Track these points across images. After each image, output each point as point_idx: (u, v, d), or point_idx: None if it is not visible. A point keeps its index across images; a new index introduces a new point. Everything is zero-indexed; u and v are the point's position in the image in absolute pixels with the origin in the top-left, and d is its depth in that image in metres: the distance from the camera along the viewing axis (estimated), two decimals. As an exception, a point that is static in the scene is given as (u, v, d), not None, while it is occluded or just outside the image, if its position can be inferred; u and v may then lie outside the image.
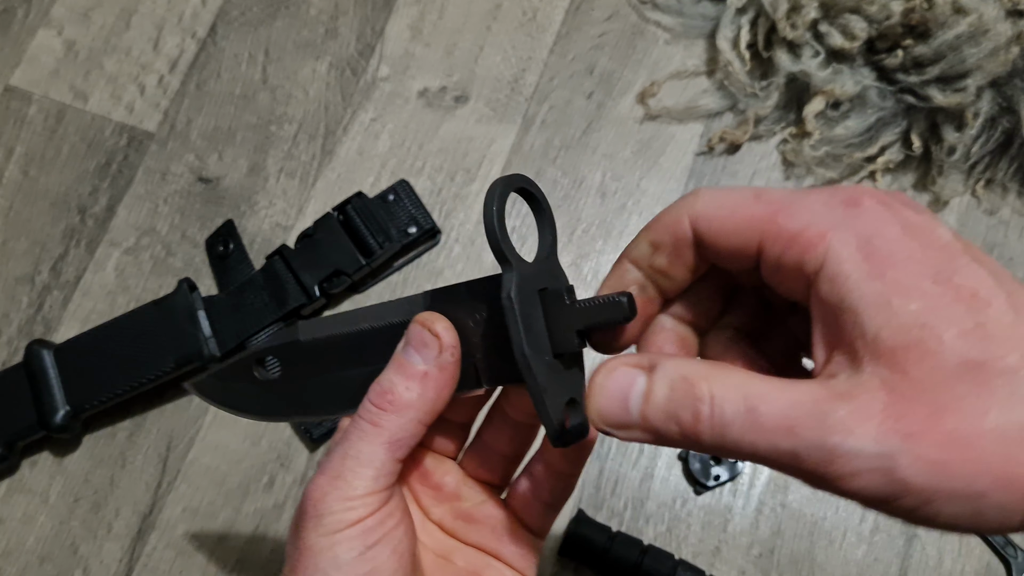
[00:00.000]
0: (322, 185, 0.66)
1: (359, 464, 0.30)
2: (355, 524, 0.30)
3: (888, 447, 0.23)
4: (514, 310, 0.29)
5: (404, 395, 0.31)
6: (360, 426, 0.31)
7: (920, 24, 0.61)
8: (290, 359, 0.36)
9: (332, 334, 0.35)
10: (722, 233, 0.27)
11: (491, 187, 0.30)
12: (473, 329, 0.32)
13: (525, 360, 0.30)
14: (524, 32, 0.69)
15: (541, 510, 0.36)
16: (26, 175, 0.67)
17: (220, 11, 0.70)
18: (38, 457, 0.61)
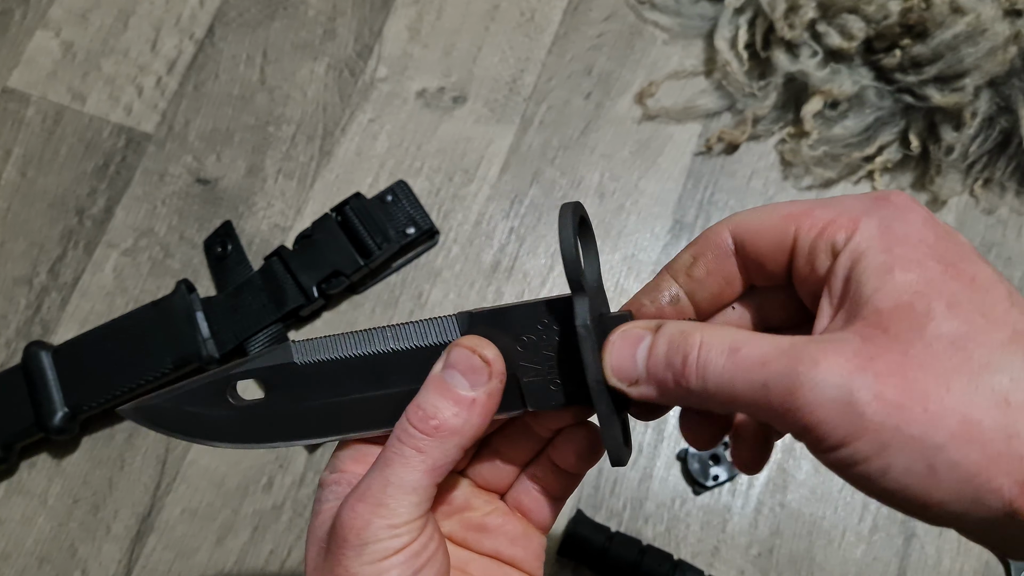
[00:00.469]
0: (320, 186, 0.66)
1: (402, 491, 0.30)
2: (402, 551, 0.29)
3: (851, 382, 0.23)
4: (591, 337, 0.29)
5: (451, 421, 0.30)
6: (403, 451, 0.30)
7: (918, 24, 0.61)
8: (280, 383, 0.34)
9: (341, 356, 0.33)
10: (761, 230, 0.29)
11: (563, 211, 0.30)
12: (520, 352, 0.32)
13: (600, 387, 0.30)
14: (522, 32, 0.69)
15: (549, 504, 0.36)
16: (24, 176, 0.67)
17: (218, 12, 0.70)
18: (36, 459, 0.61)
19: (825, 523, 0.58)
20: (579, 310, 0.30)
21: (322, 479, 0.33)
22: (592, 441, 0.34)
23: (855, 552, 0.58)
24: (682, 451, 0.59)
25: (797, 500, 0.59)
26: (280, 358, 0.34)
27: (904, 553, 0.58)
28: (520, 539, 0.35)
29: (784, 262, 0.29)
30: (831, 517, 0.58)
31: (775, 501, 0.59)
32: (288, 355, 0.34)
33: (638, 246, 0.64)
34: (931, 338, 0.24)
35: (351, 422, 0.34)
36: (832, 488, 0.59)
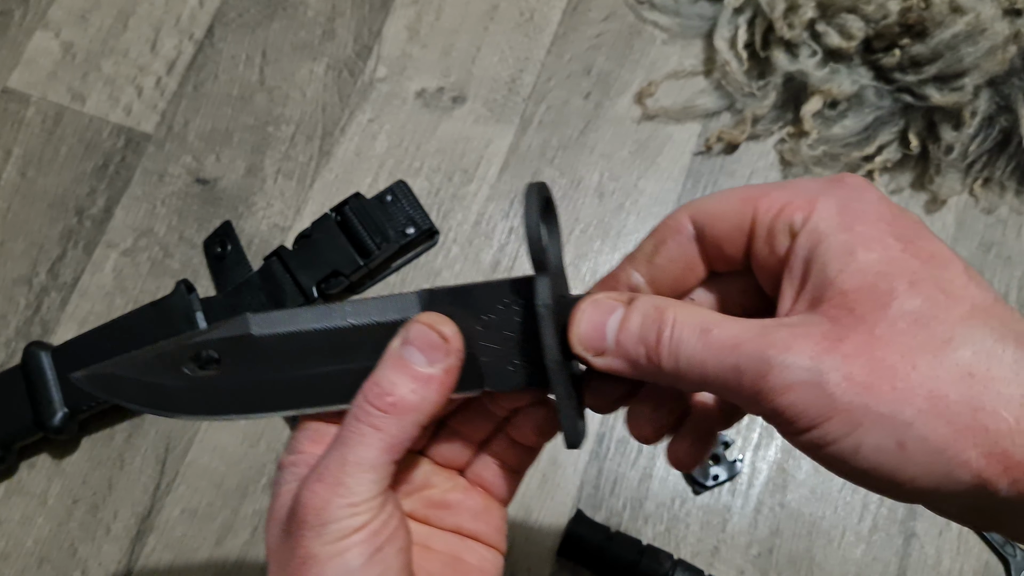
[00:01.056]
0: (320, 186, 0.66)
1: (360, 469, 0.29)
2: (361, 529, 0.29)
3: (820, 364, 0.24)
4: (550, 317, 0.29)
5: (408, 397, 0.30)
6: (360, 429, 0.30)
7: (917, 23, 0.61)
8: (237, 354, 0.33)
9: (299, 330, 0.33)
10: (719, 214, 0.29)
11: (528, 191, 0.30)
12: (480, 332, 0.32)
13: (558, 367, 0.30)
14: (521, 32, 0.69)
15: (509, 478, 0.36)
16: (24, 177, 0.67)
17: (217, 13, 0.70)
18: (36, 459, 0.61)
19: (825, 523, 0.58)
20: (540, 290, 0.29)
21: (281, 461, 0.33)
22: (550, 418, 0.34)
23: (855, 552, 0.58)
24: None
25: (797, 500, 0.59)
26: (237, 329, 0.33)
27: (904, 553, 0.58)
28: (481, 513, 0.36)
29: (743, 245, 0.29)
30: (831, 517, 0.58)
31: (775, 501, 0.59)
32: (245, 327, 0.33)
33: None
34: (895, 317, 0.24)
35: (308, 397, 0.33)
36: (832, 488, 0.59)
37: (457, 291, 0.32)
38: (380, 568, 0.30)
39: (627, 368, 0.29)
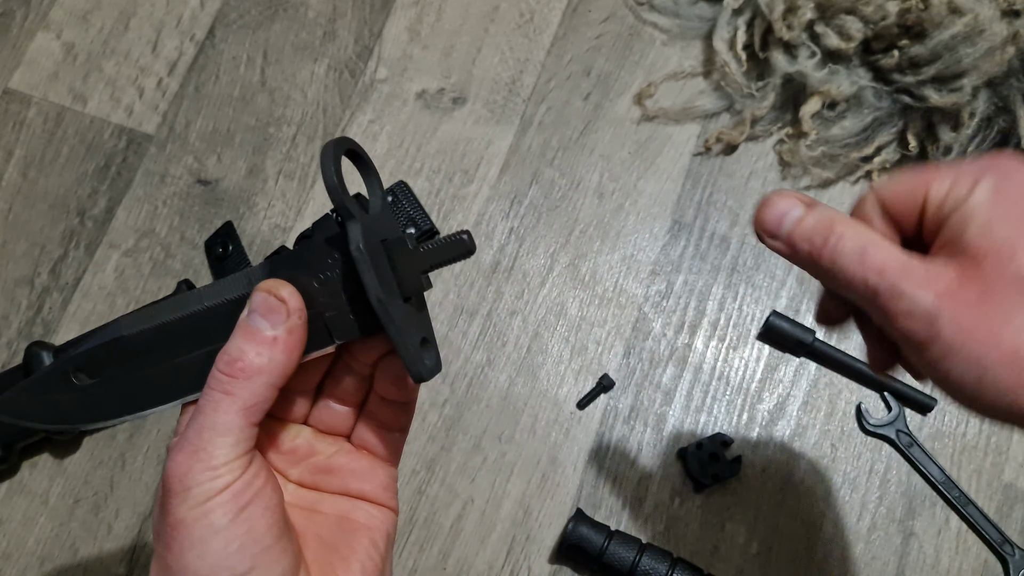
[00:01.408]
0: (321, 187, 0.66)
1: (217, 434, 0.31)
2: (224, 491, 0.31)
3: (939, 304, 0.30)
4: (365, 260, 0.31)
5: (255, 361, 0.31)
6: (213, 397, 0.31)
7: (916, 24, 0.61)
8: (114, 357, 0.35)
9: (163, 322, 0.34)
10: (899, 190, 0.35)
11: (324, 149, 0.31)
12: (319, 289, 0.33)
13: (382, 305, 0.31)
14: (521, 34, 0.69)
15: (390, 437, 0.38)
16: (25, 177, 0.67)
17: (218, 14, 0.71)
18: (38, 459, 0.61)
19: (824, 522, 0.59)
20: (352, 235, 0.31)
21: (168, 446, 0.34)
22: (399, 363, 0.35)
23: (854, 551, 0.58)
24: (681, 449, 0.59)
25: (796, 499, 0.59)
26: (110, 334, 0.35)
27: (903, 552, 0.58)
28: (366, 473, 0.37)
29: (917, 218, 0.34)
30: (830, 516, 0.59)
31: (774, 500, 0.59)
32: (116, 329, 0.35)
33: (637, 246, 0.64)
34: (1010, 278, 0.30)
35: (185, 384, 0.35)
36: (831, 487, 0.59)
37: (292, 255, 0.33)
38: (247, 526, 0.31)
39: (789, 254, 0.35)
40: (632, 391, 0.61)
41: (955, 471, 0.59)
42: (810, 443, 0.60)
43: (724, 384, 0.61)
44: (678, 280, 0.64)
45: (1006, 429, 0.60)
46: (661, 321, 0.63)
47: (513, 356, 0.62)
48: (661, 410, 0.61)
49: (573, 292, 0.63)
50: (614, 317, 0.63)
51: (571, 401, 0.61)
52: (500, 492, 0.59)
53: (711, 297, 0.63)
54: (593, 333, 0.62)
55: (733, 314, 0.63)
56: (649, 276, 0.64)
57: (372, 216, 0.33)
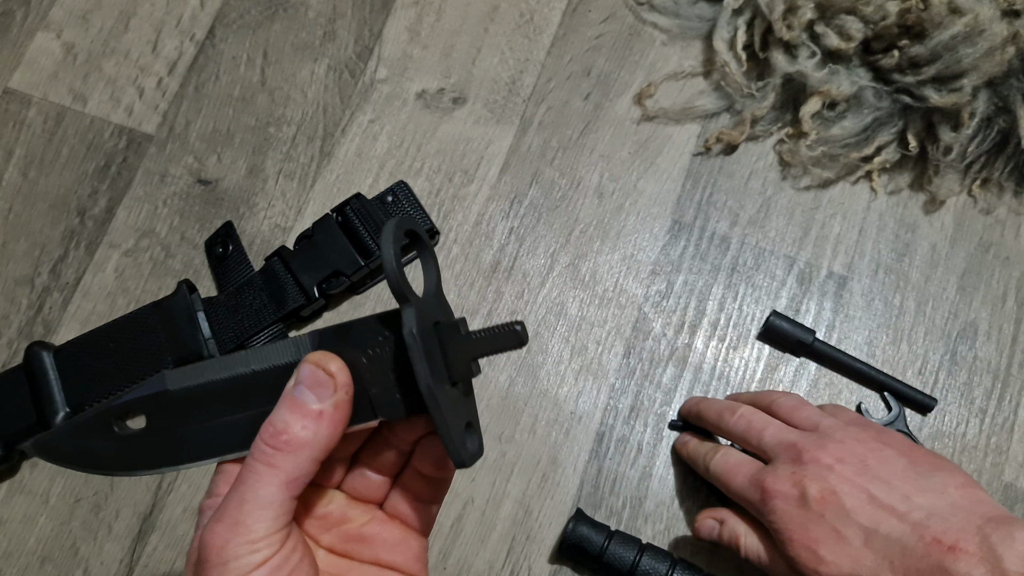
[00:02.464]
0: (321, 186, 0.66)
1: (257, 507, 0.31)
2: (262, 566, 0.30)
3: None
4: (417, 345, 0.31)
5: (300, 434, 0.31)
6: (255, 468, 0.31)
7: (916, 24, 0.61)
8: (158, 410, 0.35)
9: (208, 380, 0.35)
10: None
11: (386, 229, 0.32)
12: (366, 365, 0.33)
13: (430, 392, 0.31)
14: (521, 34, 0.69)
15: (422, 509, 0.37)
16: (25, 177, 0.67)
17: (218, 14, 0.71)
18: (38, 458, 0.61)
19: (824, 522, 0.59)
20: (406, 320, 0.31)
21: (200, 504, 0.34)
22: (441, 447, 0.36)
23: (854, 551, 0.58)
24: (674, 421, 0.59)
25: (796, 499, 0.59)
26: (155, 387, 0.35)
27: (902, 552, 0.58)
28: (399, 545, 0.37)
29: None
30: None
31: (774, 500, 0.59)
32: (162, 383, 0.35)
33: (637, 246, 0.64)
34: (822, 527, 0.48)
35: (224, 445, 0.35)
36: (831, 487, 0.59)
37: (341, 329, 0.34)
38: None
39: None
40: (632, 391, 0.61)
41: (955, 471, 0.59)
42: (810, 443, 0.60)
43: (724, 384, 0.61)
44: (678, 280, 0.64)
45: (1006, 429, 0.60)
46: (661, 321, 0.63)
47: (513, 356, 0.62)
48: (661, 410, 0.61)
49: (573, 292, 0.63)
50: (614, 317, 0.63)
51: (571, 401, 0.61)
52: (500, 492, 0.59)
53: (711, 297, 0.63)
54: (593, 333, 0.62)
55: (733, 314, 0.63)
56: (649, 276, 0.64)
57: (426, 297, 0.34)
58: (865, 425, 0.51)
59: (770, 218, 0.65)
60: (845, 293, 0.63)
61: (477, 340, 0.33)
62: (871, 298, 0.63)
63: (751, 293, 0.63)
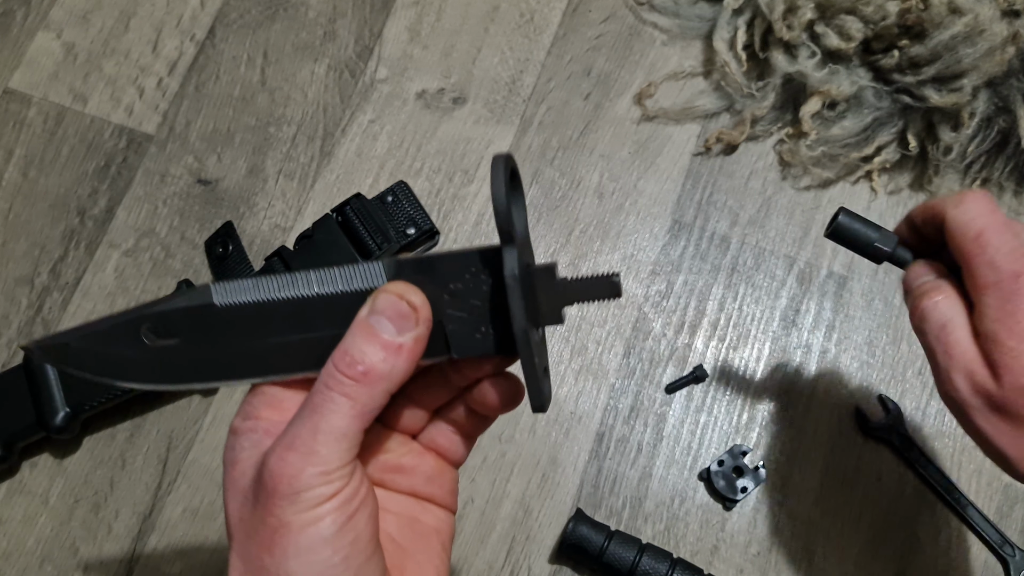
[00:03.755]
0: (321, 186, 0.66)
1: (332, 438, 0.30)
2: (334, 497, 0.30)
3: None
4: (518, 287, 0.30)
5: (379, 366, 0.30)
6: (331, 397, 0.30)
7: (916, 24, 0.61)
8: (198, 324, 0.33)
9: (264, 299, 0.33)
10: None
11: (495, 163, 0.30)
12: (448, 301, 0.32)
13: (525, 335, 0.30)
14: (521, 34, 0.69)
15: (464, 443, 0.37)
16: (25, 177, 0.67)
17: (219, 13, 0.71)
18: (38, 458, 0.61)
19: (824, 522, 0.59)
20: (508, 261, 0.30)
21: (235, 426, 0.33)
22: (514, 388, 0.35)
23: (854, 552, 0.58)
24: (704, 471, 0.59)
25: (796, 499, 0.59)
26: (199, 299, 0.33)
27: (903, 553, 0.58)
28: (436, 477, 0.36)
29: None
30: (830, 517, 0.59)
31: (774, 500, 0.59)
32: (207, 296, 0.33)
33: (637, 246, 0.64)
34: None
35: (272, 365, 0.33)
36: (831, 488, 0.59)
37: (424, 261, 0.32)
38: (352, 535, 0.30)
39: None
40: (632, 391, 0.61)
41: (955, 471, 0.59)
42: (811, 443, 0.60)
43: (724, 384, 0.61)
44: (678, 280, 0.64)
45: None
46: (661, 321, 0.63)
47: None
48: (661, 410, 0.61)
49: (573, 292, 0.63)
50: (614, 317, 0.63)
51: (571, 401, 0.61)
52: (500, 492, 0.59)
53: (711, 297, 0.63)
54: (593, 333, 0.62)
55: (733, 314, 0.63)
56: (649, 276, 0.64)
57: (521, 239, 0.32)
58: None
59: (770, 218, 0.65)
60: (845, 293, 0.63)
61: (572, 286, 0.32)
62: (871, 298, 0.63)
63: (751, 293, 0.63)
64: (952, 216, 0.41)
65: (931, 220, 0.43)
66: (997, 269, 0.39)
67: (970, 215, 0.40)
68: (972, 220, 0.40)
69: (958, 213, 0.40)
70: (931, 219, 0.43)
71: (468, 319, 0.32)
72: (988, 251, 0.39)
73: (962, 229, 0.40)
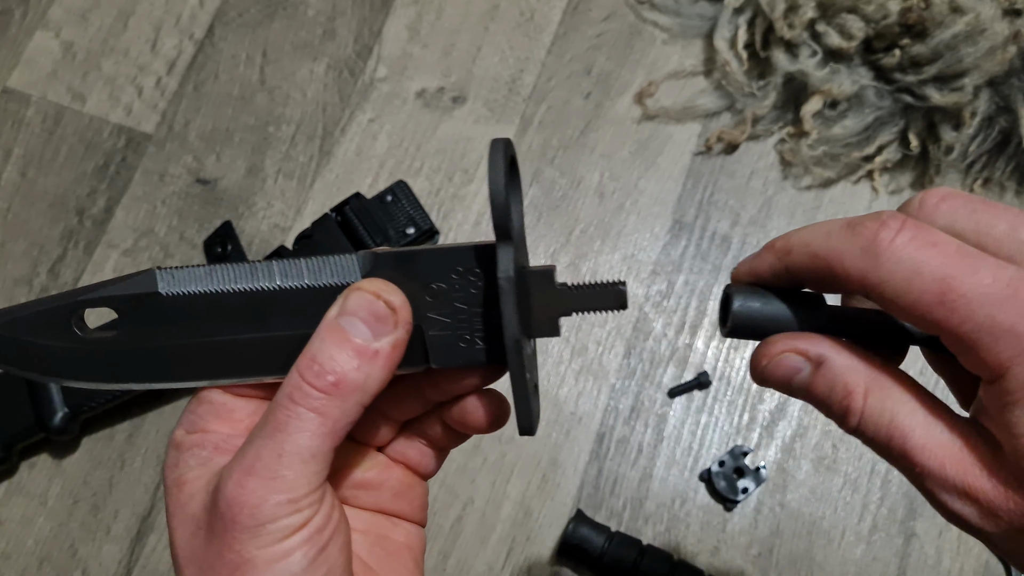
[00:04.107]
0: (320, 186, 0.66)
1: (300, 460, 0.26)
2: (303, 527, 0.26)
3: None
4: (512, 291, 0.26)
5: (352, 376, 0.26)
6: (298, 414, 0.26)
7: (917, 23, 0.61)
8: (139, 315, 0.29)
9: (217, 290, 0.29)
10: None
11: (494, 145, 0.26)
12: (428, 303, 0.28)
13: (516, 346, 0.27)
14: (522, 32, 0.69)
15: (436, 456, 0.34)
16: (24, 177, 0.67)
17: (218, 12, 0.70)
18: (37, 459, 0.61)
19: (825, 523, 0.58)
20: (503, 259, 0.26)
21: (177, 440, 0.29)
22: (500, 407, 0.31)
23: (855, 552, 0.58)
24: (704, 472, 0.59)
25: (797, 500, 0.59)
26: (142, 286, 0.29)
27: (904, 553, 0.58)
28: (404, 492, 0.33)
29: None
30: (831, 517, 0.59)
31: (775, 501, 0.59)
32: (152, 283, 0.29)
33: (638, 246, 0.64)
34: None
35: (223, 367, 0.29)
36: (832, 488, 0.59)
37: (404, 256, 0.28)
38: (324, 568, 0.27)
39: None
40: (632, 391, 0.61)
41: (956, 472, 0.59)
42: (811, 444, 0.60)
43: (725, 384, 0.61)
44: (679, 280, 0.63)
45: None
46: (662, 321, 0.62)
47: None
48: (662, 410, 0.61)
49: (573, 292, 0.63)
50: (614, 317, 0.63)
51: (571, 401, 0.61)
52: (500, 493, 0.59)
53: (712, 297, 0.63)
54: (593, 333, 0.62)
55: (734, 314, 0.63)
56: (650, 276, 0.63)
57: (517, 238, 0.28)
58: None
59: (771, 217, 0.65)
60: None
61: (571, 295, 0.29)
62: (872, 298, 0.63)
63: (752, 293, 0.63)
64: (879, 281, 0.25)
65: (829, 276, 0.27)
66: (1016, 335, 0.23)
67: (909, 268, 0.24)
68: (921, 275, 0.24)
69: (886, 276, 0.25)
70: (829, 275, 0.27)
71: (451, 324, 0.29)
72: (979, 315, 0.24)
73: (913, 295, 0.24)
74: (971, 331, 0.24)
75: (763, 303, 0.28)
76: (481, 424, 0.31)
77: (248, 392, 0.29)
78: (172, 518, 0.28)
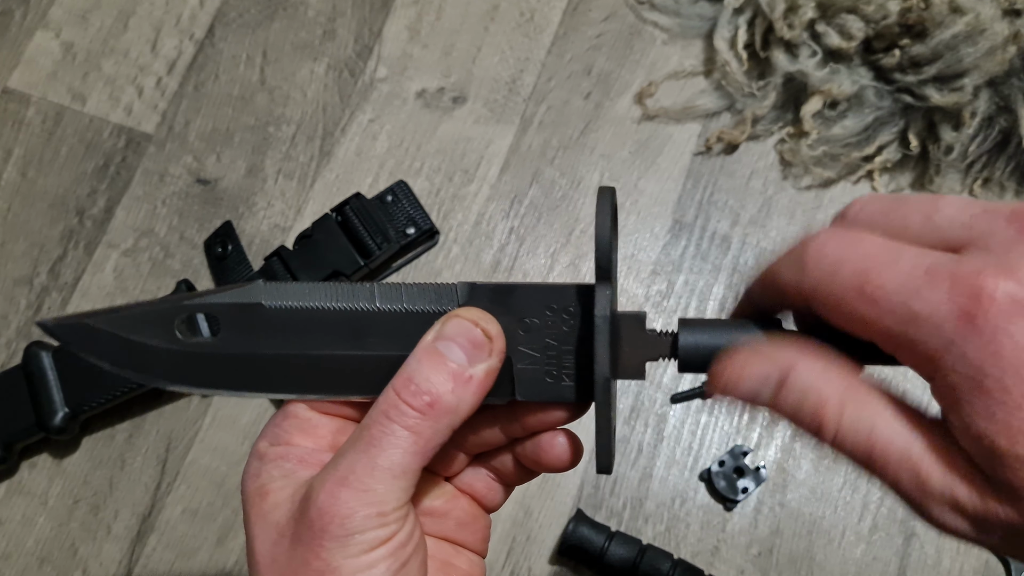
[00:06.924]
0: (320, 186, 0.66)
1: (391, 475, 0.27)
2: (388, 541, 0.27)
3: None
4: (607, 331, 0.28)
5: (446, 398, 0.28)
6: (392, 431, 0.27)
7: (917, 24, 0.61)
8: (241, 325, 0.30)
9: (318, 307, 0.30)
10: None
11: (601, 196, 0.28)
12: (521, 336, 0.30)
13: (606, 385, 0.28)
14: (522, 33, 0.69)
15: (503, 491, 0.35)
16: (24, 177, 0.67)
17: (218, 13, 0.70)
18: (37, 459, 0.61)
19: (825, 523, 0.58)
20: (600, 300, 0.28)
21: (260, 451, 0.30)
22: (577, 446, 0.32)
23: (855, 552, 0.58)
24: (704, 472, 0.59)
25: (797, 500, 0.59)
26: (246, 296, 0.30)
27: (904, 552, 0.58)
28: (469, 523, 0.34)
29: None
30: (831, 517, 0.59)
31: (775, 501, 0.59)
32: (256, 295, 0.30)
33: (638, 246, 0.64)
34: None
35: (316, 382, 0.30)
36: (832, 488, 0.59)
37: (501, 289, 0.30)
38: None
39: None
40: (632, 391, 0.61)
41: (956, 471, 0.59)
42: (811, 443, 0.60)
43: (725, 384, 0.61)
44: (679, 280, 0.63)
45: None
46: (662, 321, 0.62)
47: (513, 356, 0.62)
48: (661, 410, 0.61)
49: (573, 292, 0.63)
50: (615, 317, 0.63)
51: (571, 401, 0.61)
52: (500, 492, 0.59)
53: (712, 297, 0.63)
54: (593, 333, 0.62)
55: (734, 314, 0.63)
56: (650, 276, 0.64)
57: (613, 282, 0.29)
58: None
59: (771, 218, 0.65)
60: (846, 293, 0.63)
61: (660, 341, 0.30)
62: (872, 298, 0.63)
63: (752, 293, 0.63)
64: (809, 287, 0.25)
65: (775, 296, 0.27)
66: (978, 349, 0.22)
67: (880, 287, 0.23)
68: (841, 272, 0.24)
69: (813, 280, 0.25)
70: (774, 294, 0.27)
71: (540, 359, 0.30)
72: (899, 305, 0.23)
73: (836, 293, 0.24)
74: (894, 324, 0.23)
75: (712, 334, 0.29)
76: (556, 462, 0.32)
77: (332, 410, 0.31)
78: (253, 526, 0.29)
